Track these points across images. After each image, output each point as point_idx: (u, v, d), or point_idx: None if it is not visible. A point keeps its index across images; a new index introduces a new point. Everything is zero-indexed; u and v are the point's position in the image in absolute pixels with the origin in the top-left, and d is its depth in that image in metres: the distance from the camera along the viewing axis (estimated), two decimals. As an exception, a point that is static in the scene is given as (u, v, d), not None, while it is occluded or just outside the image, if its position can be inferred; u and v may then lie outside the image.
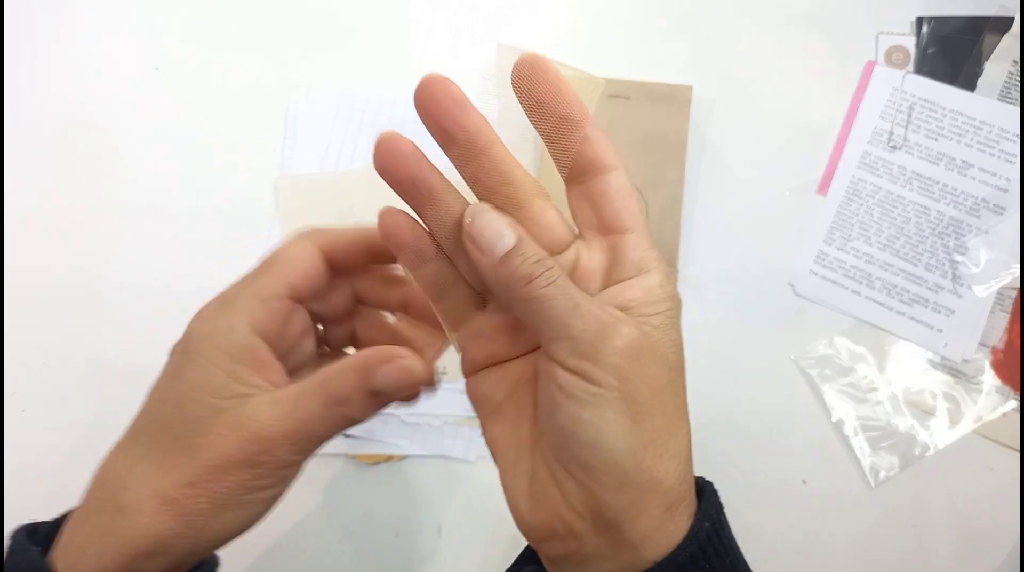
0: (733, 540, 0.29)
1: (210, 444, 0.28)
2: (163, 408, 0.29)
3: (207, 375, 0.28)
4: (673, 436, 0.27)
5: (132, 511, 0.28)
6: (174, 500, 0.28)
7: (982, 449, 0.60)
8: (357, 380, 0.29)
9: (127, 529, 0.28)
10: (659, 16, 0.66)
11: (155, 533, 0.28)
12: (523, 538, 0.32)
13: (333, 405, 0.29)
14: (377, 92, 0.64)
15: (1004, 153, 0.63)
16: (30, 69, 0.63)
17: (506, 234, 0.27)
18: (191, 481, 0.28)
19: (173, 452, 0.28)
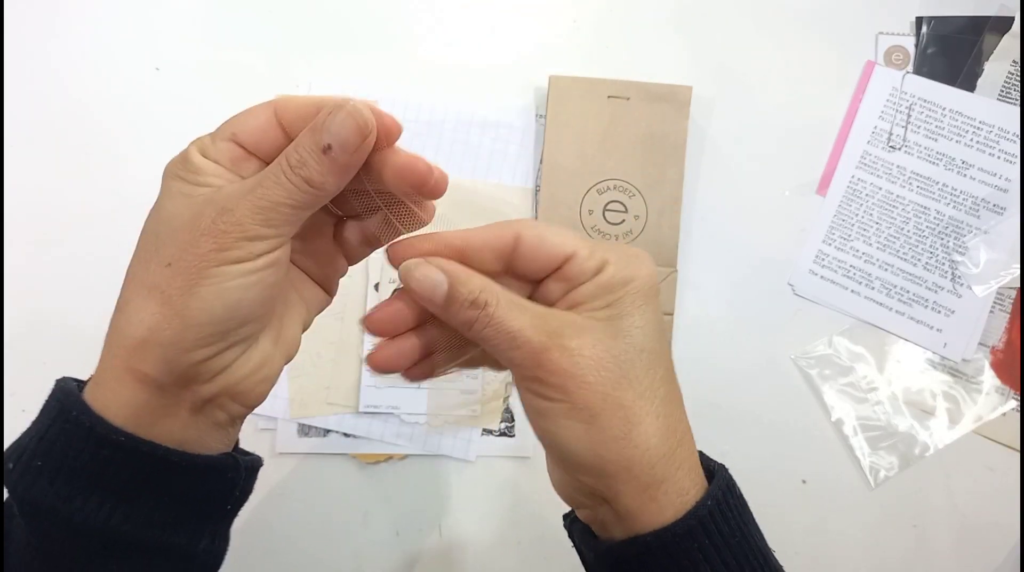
0: (743, 521, 0.31)
1: (185, 227, 0.29)
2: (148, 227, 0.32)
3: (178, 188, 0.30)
4: (637, 425, 0.29)
5: (124, 306, 0.30)
6: (155, 285, 0.29)
7: (982, 449, 0.60)
8: (309, 138, 0.29)
9: (122, 325, 0.30)
10: (659, 17, 0.66)
11: (142, 321, 0.29)
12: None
13: (291, 170, 0.29)
14: (378, 92, 0.64)
15: (1004, 153, 0.63)
16: (30, 69, 0.63)
17: (438, 282, 0.30)
18: (168, 262, 0.29)
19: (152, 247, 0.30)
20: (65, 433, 0.29)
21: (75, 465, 0.29)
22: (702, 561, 0.29)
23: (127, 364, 0.29)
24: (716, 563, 0.30)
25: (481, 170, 0.63)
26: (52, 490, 0.28)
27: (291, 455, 0.59)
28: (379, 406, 0.59)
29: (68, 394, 0.30)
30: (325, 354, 0.59)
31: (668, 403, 0.31)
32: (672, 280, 0.61)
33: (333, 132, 0.29)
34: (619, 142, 0.62)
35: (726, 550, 0.30)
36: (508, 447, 0.59)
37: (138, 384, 0.29)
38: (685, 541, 0.29)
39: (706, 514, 0.30)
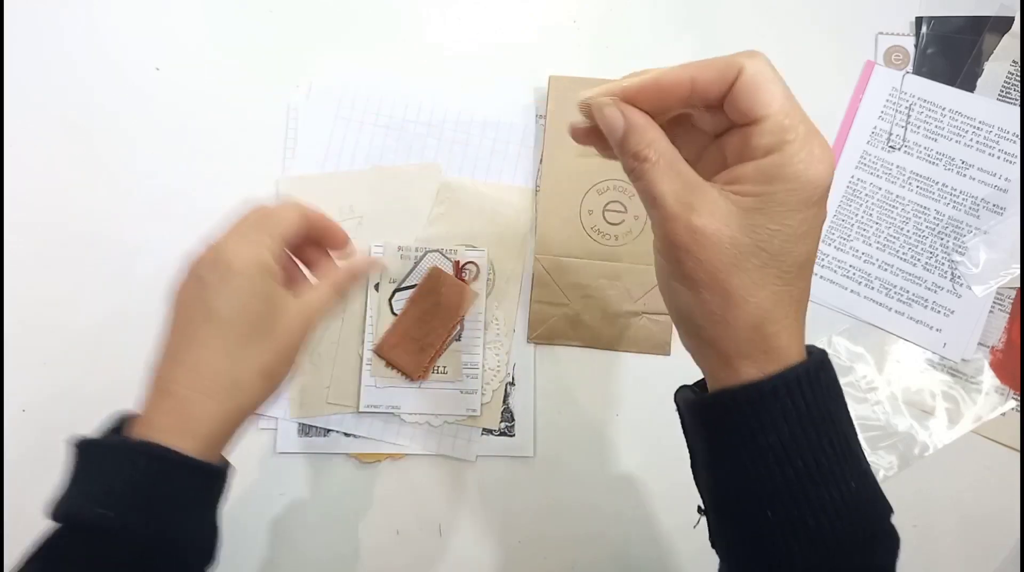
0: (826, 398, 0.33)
1: (285, 329, 0.40)
2: (235, 312, 0.39)
3: (260, 286, 0.40)
4: (733, 309, 0.32)
5: (244, 383, 0.39)
6: (271, 372, 0.40)
7: (982, 449, 0.60)
8: (349, 277, 0.45)
9: (241, 397, 0.39)
10: (659, 17, 0.66)
11: (260, 399, 0.40)
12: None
13: (337, 290, 0.44)
14: (378, 92, 0.64)
15: (1003, 153, 0.63)
16: (30, 69, 0.63)
17: (618, 126, 0.34)
18: (277, 352, 0.40)
19: (259, 340, 0.39)
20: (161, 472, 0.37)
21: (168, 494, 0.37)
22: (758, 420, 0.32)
23: (237, 424, 0.40)
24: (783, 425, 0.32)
25: (481, 170, 0.63)
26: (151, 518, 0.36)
27: (291, 455, 0.59)
28: (379, 406, 0.59)
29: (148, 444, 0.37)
30: (325, 354, 0.59)
31: (776, 298, 0.32)
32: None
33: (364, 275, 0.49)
34: (619, 142, 0.62)
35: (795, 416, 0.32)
36: (508, 447, 0.59)
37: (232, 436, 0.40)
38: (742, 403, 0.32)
39: (770, 389, 0.32)
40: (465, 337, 0.60)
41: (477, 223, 0.62)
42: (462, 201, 0.62)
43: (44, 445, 0.58)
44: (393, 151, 0.63)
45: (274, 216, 0.42)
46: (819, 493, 0.32)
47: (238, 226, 0.42)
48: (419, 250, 0.61)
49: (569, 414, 0.60)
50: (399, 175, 0.63)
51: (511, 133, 0.64)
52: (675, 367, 0.61)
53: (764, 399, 0.32)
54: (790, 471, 0.32)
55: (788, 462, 0.32)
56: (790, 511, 0.32)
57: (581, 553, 0.59)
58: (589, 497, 0.59)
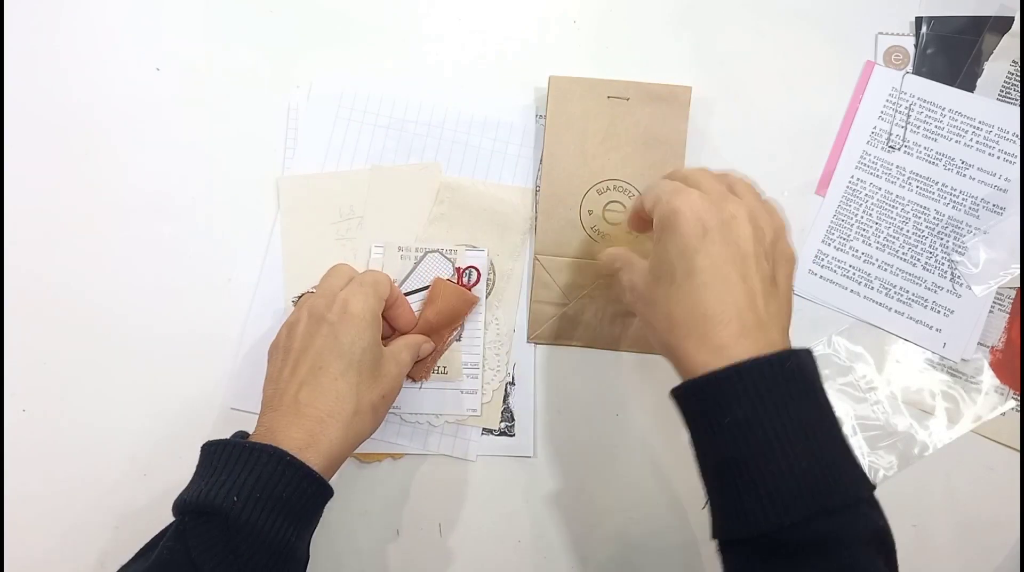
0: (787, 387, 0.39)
1: (387, 373, 0.50)
2: (361, 352, 0.48)
3: (375, 335, 0.49)
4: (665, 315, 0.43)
5: (362, 414, 0.47)
6: (376, 406, 0.49)
7: (981, 449, 0.60)
8: (416, 348, 0.55)
9: (358, 425, 0.47)
10: (659, 17, 0.66)
11: (369, 428, 0.49)
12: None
13: (413, 358, 0.54)
14: (378, 92, 0.64)
15: (1003, 153, 0.63)
16: (30, 69, 0.63)
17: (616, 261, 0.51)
18: (383, 394, 0.49)
19: (373, 378, 0.49)
20: (278, 473, 0.43)
21: (283, 496, 0.42)
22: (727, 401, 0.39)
23: (352, 449, 0.48)
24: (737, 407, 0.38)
25: (481, 170, 0.63)
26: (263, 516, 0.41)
27: (291, 455, 0.59)
28: (379, 406, 0.59)
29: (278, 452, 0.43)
30: (325, 354, 0.59)
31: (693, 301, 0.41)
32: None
33: (424, 351, 0.56)
34: (619, 142, 0.62)
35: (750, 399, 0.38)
36: (508, 447, 0.60)
37: (347, 457, 0.48)
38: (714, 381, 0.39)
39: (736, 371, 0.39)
40: (465, 337, 0.60)
41: (477, 223, 0.62)
42: (462, 201, 0.62)
43: (44, 445, 0.58)
44: (393, 151, 0.63)
45: (381, 280, 0.52)
46: (770, 468, 0.37)
47: (353, 283, 0.51)
48: (419, 250, 0.61)
49: (569, 414, 0.60)
50: (399, 175, 0.63)
51: (511, 133, 0.64)
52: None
53: (718, 384, 0.39)
54: (745, 448, 0.38)
55: (744, 439, 0.38)
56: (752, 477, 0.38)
57: (581, 553, 0.59)
58: (589, 497, 0.59)
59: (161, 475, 0.58)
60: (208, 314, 0.60)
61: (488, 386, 0.60)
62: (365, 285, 0.51)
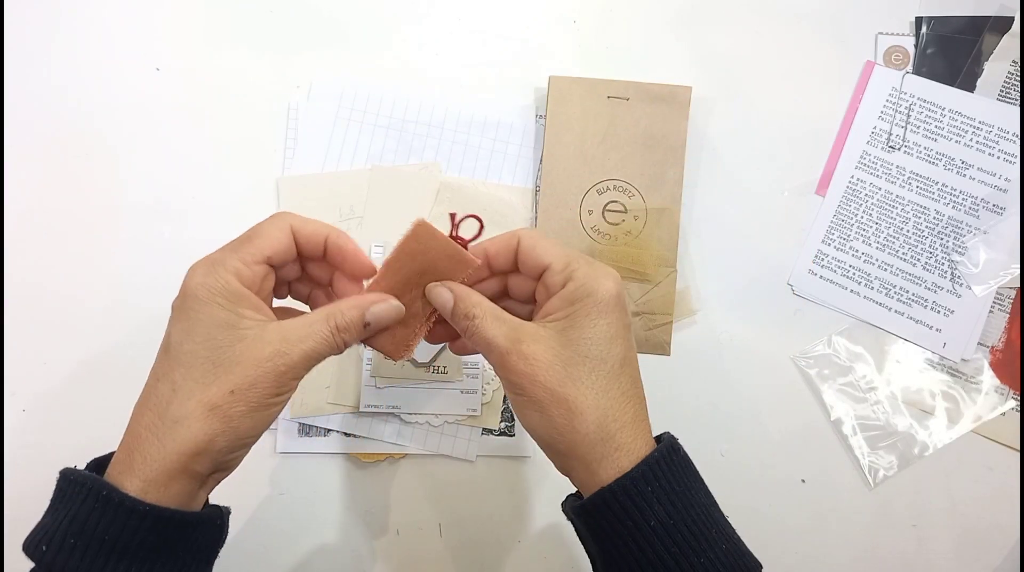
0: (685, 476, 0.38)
1: (245, 361, 0.36)
2: (189, 343, 0.37)
3: (220, 314, 0.37)
4: (578, 416, 0.37)
5: (184, 420, 0.35)
6: (217, 406, 0.36)
7: (981, 449, 0.60)
8: (357, 314, 0.39)
9: (181, 434, 0.35)
10: (659, 17, 0.66)
11: (203, 434, 0.36)
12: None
13: (337, 332, 0.39)
14: (378, 92, 0.64)
15: (1003, 153, 0.63)
16: (30, 69, 0.63)
17: (447, 299, 0.41)
18: (231, 390, 0.36)
19: (211, 371, 0.36)
20: (96, 511, 0.34)
21: (105, 538, 0.34)
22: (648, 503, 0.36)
23: (182, 466, 0.36)
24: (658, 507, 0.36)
25: (481, 170, 0.63)
26: (84, 564, 0.34)
27: (291, 455, 0.59)
28: (379, 406, 0.59)
29: (94, 480, 0.35)
30: (325, 354, 0.59)
31: (608, 398, 0.37)
32: (671, 280, 0.61)
33: (378, 316, 0.40)
34: (619, 142, 0.62)
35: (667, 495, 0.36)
36: (508, 447, 0.60)
37: (187, 479, 0.36)
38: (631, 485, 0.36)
39: (649, 468, 0.36)
40: (465, 337, 0.60)
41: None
42: (462, 201, 0.62)
43: (44, 445, 0.58)
44: (393, 151, 0.63)
45: (255, 235, 0.39)
46: (700, 560, 0.35)
47: (217, 251, 0.39)
48: (419, 250, 0.60)
49: (569, 414, 0.60)
50: (399, 175, 0.63)
51: (511, 133, 0.64)
52: (675, 367, 0.61)
53: (638, 484, 0.36)
54: (674, 548, 0.35)
55: (671, 539, 0.35)
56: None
57: (581, 553, 0.59)
58: (589, 497, 0.59)
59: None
60: (208, 314, 0.60)
61: (488, 386, 0.60)
62: (225, 249, 0.39)
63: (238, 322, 0.37)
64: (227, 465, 0.38)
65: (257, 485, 0.58)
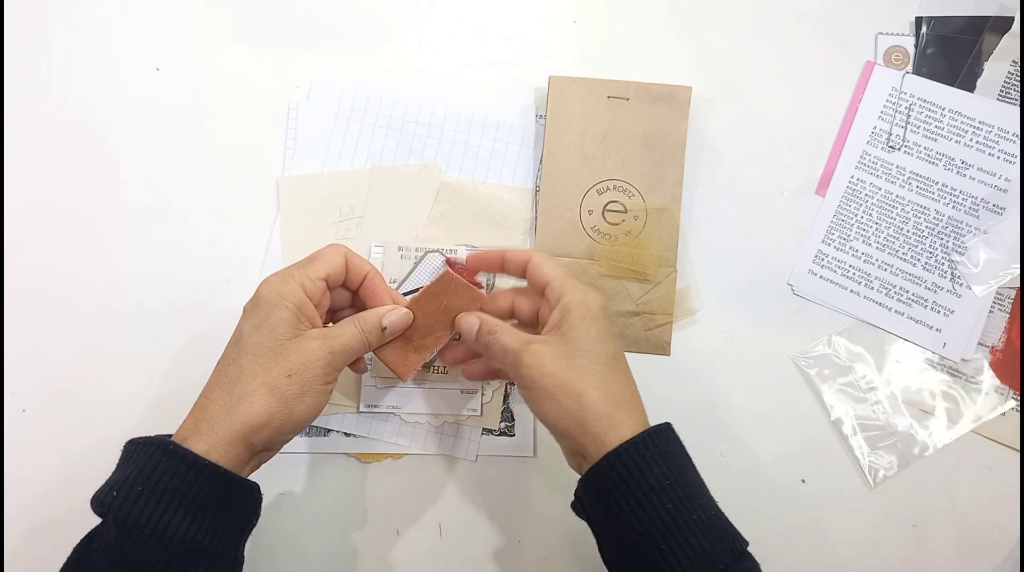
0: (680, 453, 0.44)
1: (300, 351, 0.45)
2: (256, 336, 0.44)
3: (284, 315, 0.45)
4: (583, 396, 0.43)
5: (248, 396, 0.43)
6: (276, 387, 0.43)
7: (981, 449, 0.60)
8: (376, 318, 0.50)
9: (245, 408, 0.43)
10: (659, 17, 0.66)
11: (264, 410, 0.43)
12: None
13: (363, 333, 0.48)
14: (378, 92, 0.64)
15: (1003, 153, 0.63)
16: (30, 69, 0.63)
17: (473, 323, 0.50)
18: (288, 373, 0.44)
19: (273, 358, 0.44)
20: (162, 464, 0.40)
21: (168, 487, 0.39)
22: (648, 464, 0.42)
23: (244, 435, 0.43)
24: (656, 468, 0.42)
25: (481, 170, 0.63)
26: (148, 508, 0.39)
27: (291, 455, 0.59)
28: (379, 406, 0.59)
29: (161, 439, 0.42)
30: (325, 354, 0.59)
31: (607, 382, 0.45)
32: (671, 280, 0.61)
33: (392, 322, 0.50)
34: (619, 142, 0.62)
35: (665, 460, 0.42)
36: (508, 447, 0.60)
37: (245, 449, 0.43)
38: (631, 448, 0.42)
39: (647, 436, 0.43)
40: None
41: (477, 223, 0.62)
42: (462, 201, 0.62)
43: (44, 445, 0.58)
44: (393, 151, 0.63)
45: (318, 258, 0.49)
46: (694, 517, 0.41)
47: (285, 268, 0.48)
48: (419, 250, 0.61)
49: (569, 414, 0.60)
50: (399, 175, 0.63)
51: (511, 133, 0.64)
52: (675, 367, 0.61)
53: (639, 447, 0.42)
54: (670, 504, 0.41)
55: (667, 495, 0.41)
56: (677, 538, 0.40)
57: (581, 553, 0.59)
58: (589, 497, 0.59)
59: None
60: (208, 314, 0.60)
61: (488, 386, 0.60)
62: (293, 265, 0.48)
63: (297, 322, 0.45)
64: (275, 444, 0.45)
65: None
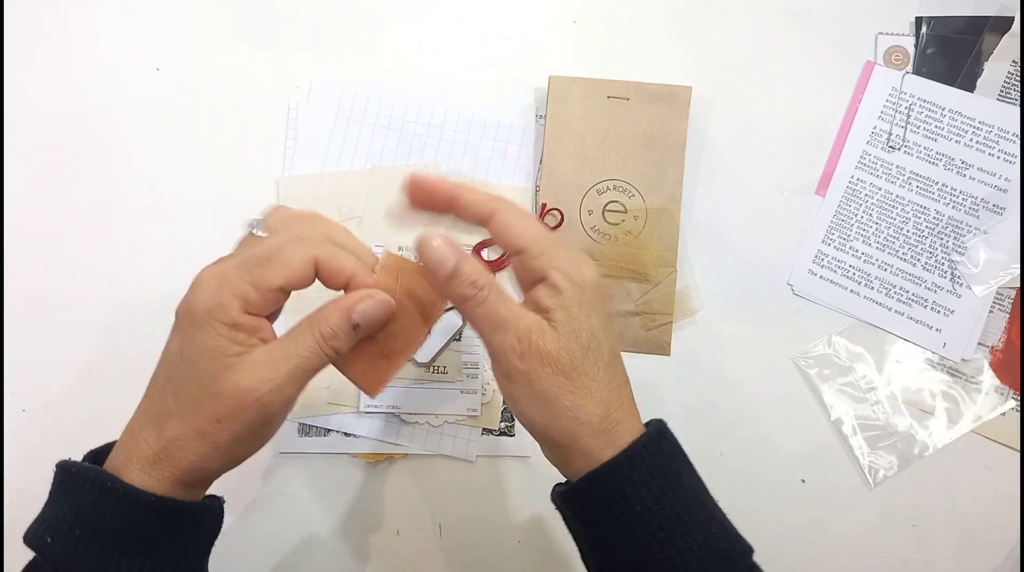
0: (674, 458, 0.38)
1: (228, 390, 0.35)
2: (181, 367, 0.37)
3: (212, 341, 0.36)
4: (581, 407, 0.37)
5: (177, 441, 0.36)
6: (206, 432, 0.36)
7: (981, 449, 0.60)
8: (341, 317, 0.37)
9: (176, 454, 0.36)
10: (659, 17, 0.66)
11: (195, 455, 0.36)
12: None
13: (324, 341, 0.37)
14: (378, 92, 0.64)
15: (1003, 153, 0.63)
16: (30, 70, 0.63)
17: (447, 256, 0.37)
18: (218, 418, 0.36)
19: (199, 399, 0.36)
20: (100, 502, 0.35)
21: (110, 529, 0.35)
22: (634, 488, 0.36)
23: (177, 479, 0.36)
24: (644, 491, 0.36)
25: (481, 170, 0.63)
26: (91, 555, 0.34)
27: (291, 455, 0.59)
28: (379, 406, 0.59)
29: (97, 472, 0.36)
30: (325, 354, 0.59)
31: (608, 389, 0.38)
32: (671, 280, 0.61)
33: (366, 315, 0.37)
34: (619, 142, 0.62)
35: (655, 479, 0.36)
36: (508, 447, 0.60)
37: (181, 487, 0.37)
38: (615, 470, 0.36)
39: (635, 452, 0.36)
40: (465, 337, 0.60)
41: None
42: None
43: (44, 445, 0.58)
44: (393, 151, 0.63)
45: (274, 259, 0.37)
46: (688, 543, 0.36)
47: (229, 261, 0.38)
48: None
49: (569, 414, 0.60)
50: (399, 175, 0.62)
51: (511, 133, 0.64)
52: (675, 367, 0.61)
53: (619, 472, 0.36)
54: (660, 532, 0.36)
55: (656, 523, 0.36)
56: (667, 569, 0.35)
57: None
58: (589, 497, 0.59)
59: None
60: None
61: (488, 386, 0.60)
62: (236, 265, 0.37)
63: (228, 349, 0.36)
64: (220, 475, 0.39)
65: (257, 485, 0.58)
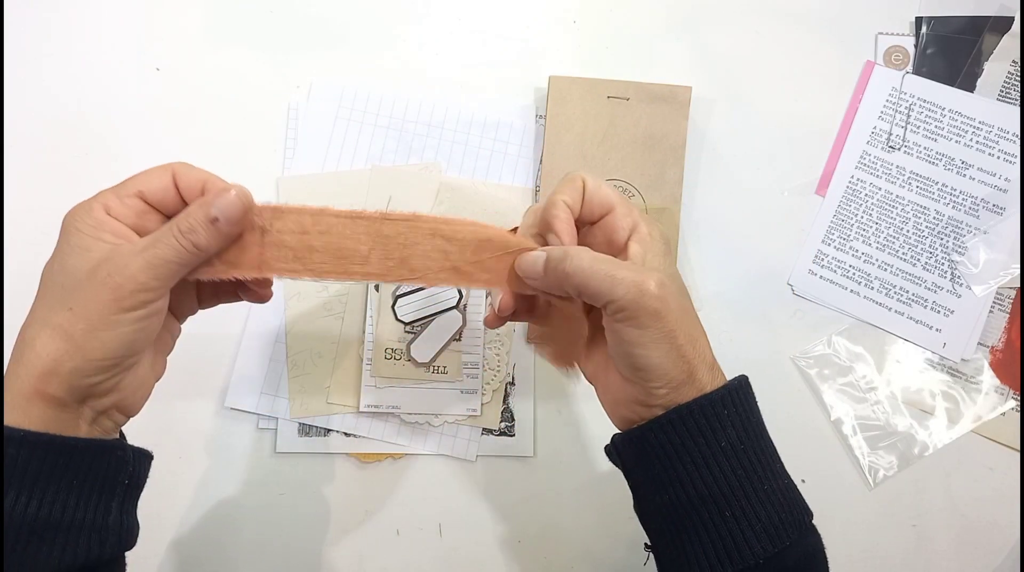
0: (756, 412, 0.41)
1: (86, 283, 0.36)
2: (48, 273, 0.38)
3: (78, 241, 0.37)
4: (696, 343, 0.39)
5: (30, 342, 0.36)
6: (58, 325, 0.36)
7: (981, 449, 0.60)
8: (199, 211, 0.37)
9: (28, 357, 0.36)
10: (659, 17, 0.66)
11: (47, 353, 0.36)
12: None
13: (182, 235, 0.37)
14: (378, 92, 0.64)
15: (1003, 153, 0.63)
16: (30, 70, 0.63)
17: (537, 257, 0.40)
18: (70, 308, 0.36)
19: (60, 295, 0.37)
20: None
21: None
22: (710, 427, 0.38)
23: (35, 388, 0.35)
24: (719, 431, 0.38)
25: (481, 170, 0.63)
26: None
27: (291, 455, 0.59)
28: (379, 406, 0.59)
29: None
30: (325, 354, 0.59)
31: (700, 327, 0.41)
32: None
33: (223, 208, 0.37)
34: (619, 142, 0.62)
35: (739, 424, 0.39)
36: (508, 447, 0.60)
37: (45, 403, 0.36)
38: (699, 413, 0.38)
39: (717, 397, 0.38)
40: (465, 337, 0.60)
41: (477, 223, 0.62)
42: (462, 201, 0.62)
43: (44, 445, 0.58)
44: (393, 151, 0.63)
45: (134, 176, 0.40)
46: (765, 487, 0.38)
47: None
48: (419, 250, 0.60)
49: (569, 414, 0.60)
50: (399, 175, 0.63)
51: (511, 133, 0.64)
52: (675, 367, 0.61)
53: (716, 406, 0.38)
54: (740, 470, 0.38)
55: (738, 460, 0.38)
56: (744, 507, 0.37)
57: (581, 553, 0.59)
58: (589, 497, 0.59)
59: (160, 475, 0.58)
60: (208, 314, 0.60)
61: (488, 386, 0.60)
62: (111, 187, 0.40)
63: (92, 245, 0.36)
64: (95, 392, 0.37)
65: (257, 485, 0.58)
